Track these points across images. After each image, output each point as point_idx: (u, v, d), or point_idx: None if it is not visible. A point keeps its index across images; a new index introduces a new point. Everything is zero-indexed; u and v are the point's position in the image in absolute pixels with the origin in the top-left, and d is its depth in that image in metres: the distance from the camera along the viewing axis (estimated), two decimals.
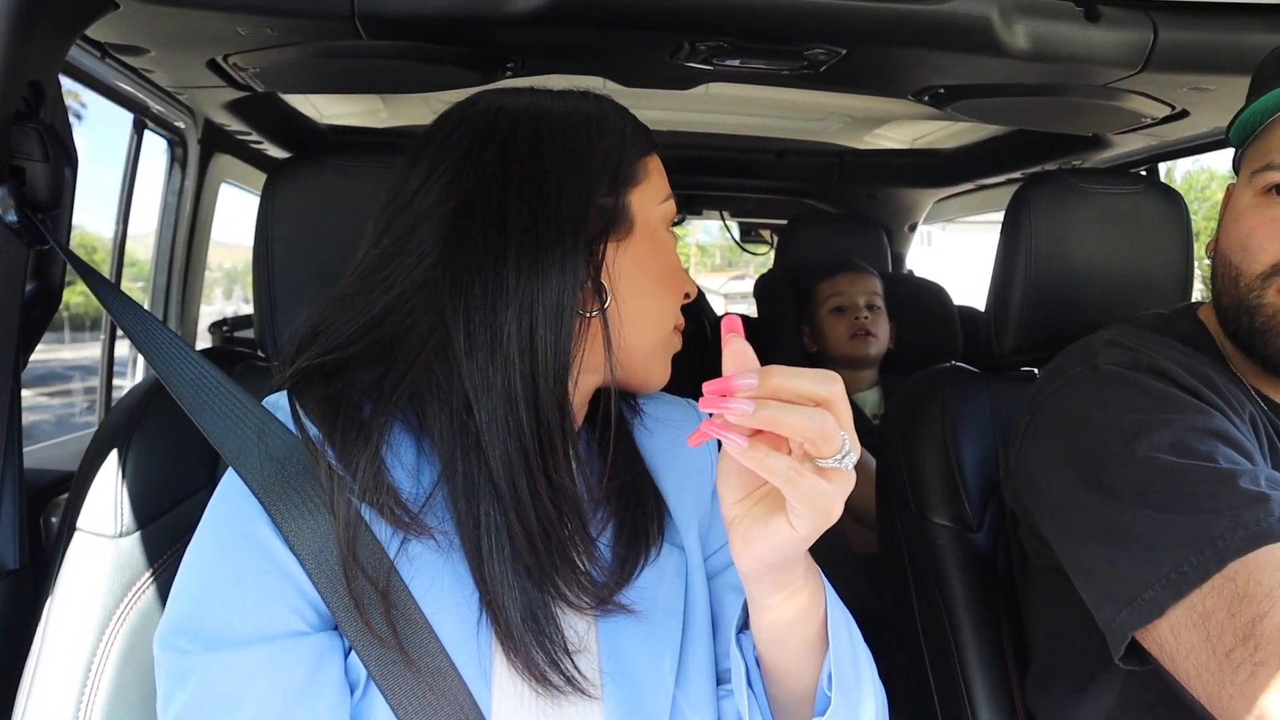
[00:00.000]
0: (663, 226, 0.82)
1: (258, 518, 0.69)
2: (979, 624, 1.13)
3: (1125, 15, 1.09)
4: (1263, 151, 0.88)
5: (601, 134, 0.78)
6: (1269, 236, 0.86)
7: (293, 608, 0.68)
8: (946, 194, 2.73)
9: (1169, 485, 0.77)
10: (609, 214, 0.76)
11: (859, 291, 2.17)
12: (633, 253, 0.78)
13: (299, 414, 0.72)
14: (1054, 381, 0.95)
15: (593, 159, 0.76)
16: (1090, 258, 1.19)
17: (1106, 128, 1.60)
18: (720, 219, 3.38)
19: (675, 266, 0.82)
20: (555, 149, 0.75)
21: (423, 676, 0.68)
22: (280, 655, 0.66)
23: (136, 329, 0.83)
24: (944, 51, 1.16)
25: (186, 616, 0.68)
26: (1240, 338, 0.91)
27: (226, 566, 0.69)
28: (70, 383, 2.36)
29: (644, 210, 0.80)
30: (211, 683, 0.65)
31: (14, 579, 0.92)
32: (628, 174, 0.79)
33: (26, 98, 0.87)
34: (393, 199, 0.77)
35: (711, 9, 1.05)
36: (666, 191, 0.83)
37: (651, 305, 0.79)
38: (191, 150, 1.80)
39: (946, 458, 1.19)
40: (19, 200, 0.87)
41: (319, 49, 1.17)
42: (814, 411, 0.58)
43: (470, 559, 0.71)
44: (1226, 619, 0.69)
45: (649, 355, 0.80)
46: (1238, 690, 0.67)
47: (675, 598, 0.80)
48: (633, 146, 0.80)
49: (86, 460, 0.96)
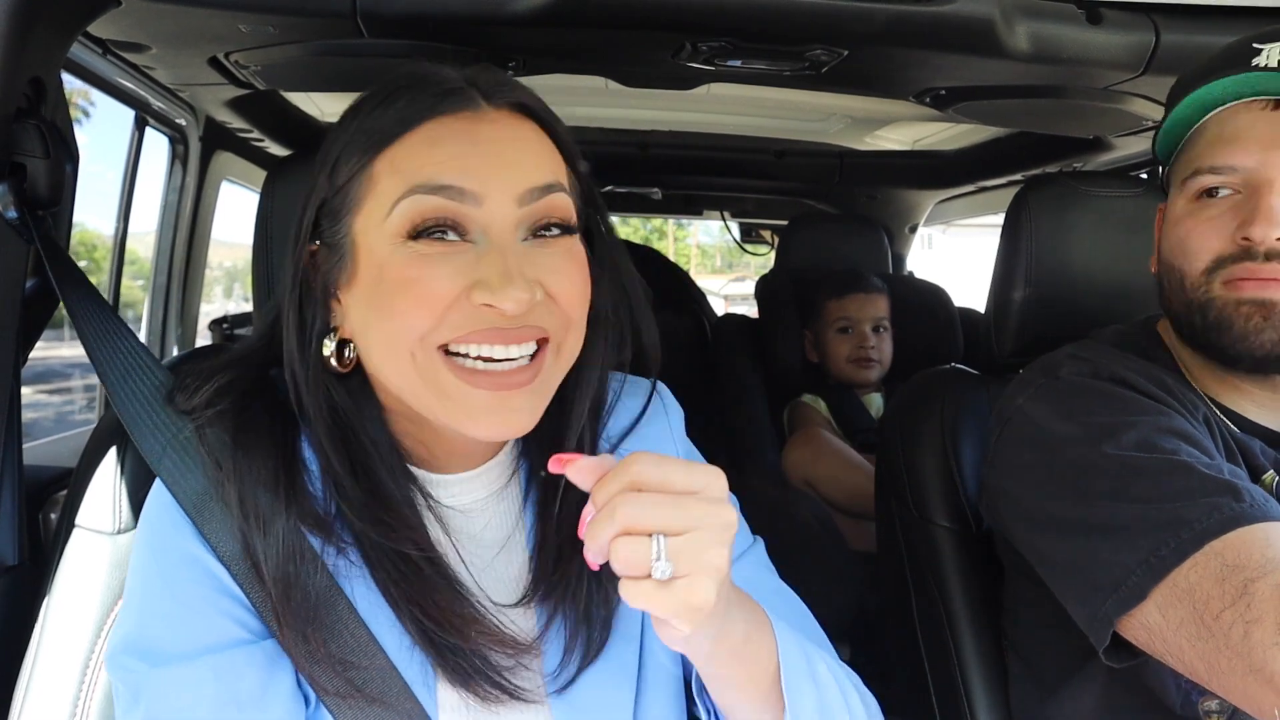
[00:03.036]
0: (394, 242, 0.65)
1: (186, 530, 0.69)
2: (977, 624, 1.13)
3: (1127, 17, 1.09)
4: (1189, 160, 0.92)
5: (326, 153, 0.69)
6: (1206, 235, 0.88)
7: (232, 617, 0.67)
8: (947, 196, 2.72)
9: (1140, 480, 0.79)
10: (330, 256, 0.69)
11: (866, 316, 2.16)
12: (358, 292, 0.68)
13: (202, 450, 0.71)
14: (1020, 394, 0.97)
15: (308, 206, 0.69)
16: (1090, 261, 1.19)
17: (1107, 130, 1.60)
18: (721, 219, 3.38)
19: (397, 287, 0.64)
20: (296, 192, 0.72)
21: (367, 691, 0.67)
22: (228, 665, 0.66)
23: (98, 340, 0.83)
24: (945, 53, 1.16)
25: (132, 635, 0.68)
26: (1196, 338, 0.92)
27: (161, 582, 0.68)
28: (70, 380, 2.36)
29: (366, 238, 0.66)
30: (163, 699, 0.65)
31: (13, 575, 0.92)
32: (346, 198, 0.67)
33: (28, 94, 0.87)
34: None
35: (713, 9, 1.05)
36: (403, 187, 0.64)
37: (376, 343, 0.68)
38: (192, 147, 1.80)
39: (946, 459, 1.19)
40: (19, 197, 0.87)
41: (320, 47, 1.17)
42: (622, 542, 0.54)
43: (376, 580, 0.69)
44: (1214, 588, 0.71)
45: (413, 396, 0.68)
46: (1234, 651, 0.68)
47: (630, 623, 0.76)
48: (350, 158, 0.66)
49: (85, 457, 0.95)
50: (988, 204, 2.63)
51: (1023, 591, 1.02)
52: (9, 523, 0.91)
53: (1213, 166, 0.88)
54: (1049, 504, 0.86)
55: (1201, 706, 0.85)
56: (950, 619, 1.14)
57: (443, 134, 0.66)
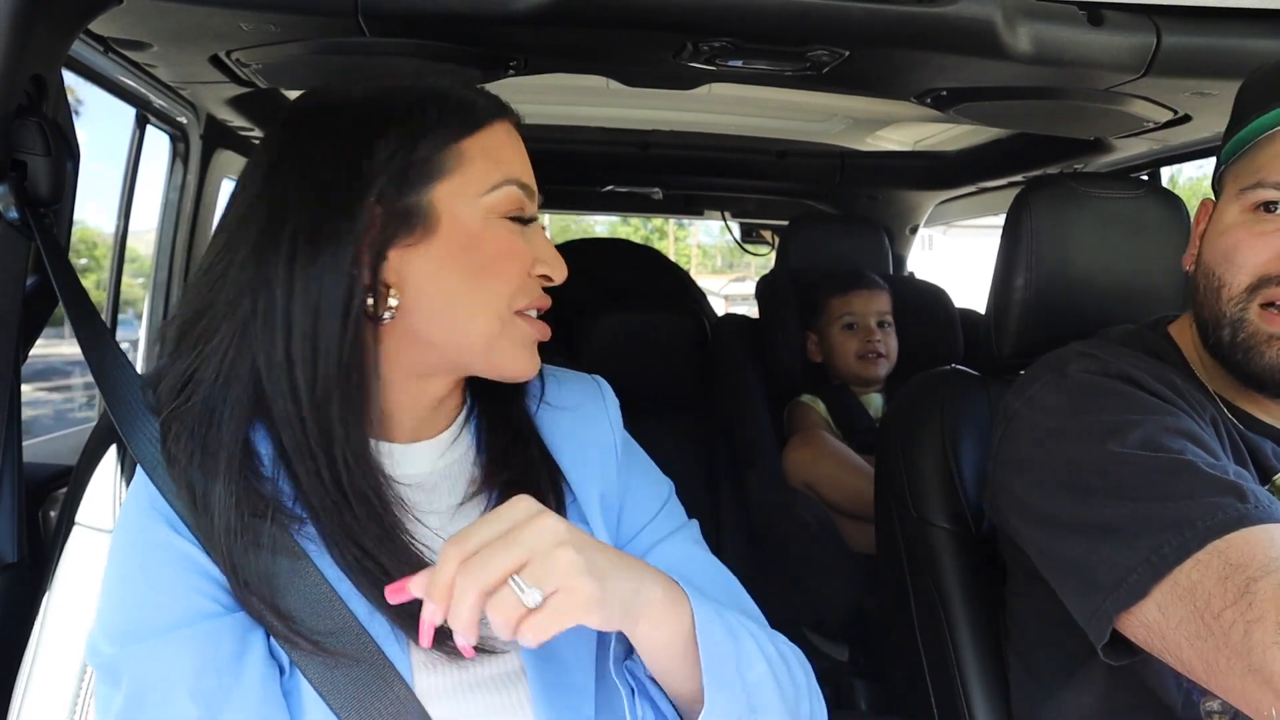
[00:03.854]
0: (489, 217, 0.76)
1: (160, 521, 0.72)
2: (976, 625, 1.13)
3: (1128, 19, 1.09)
4: (1252, 169, 0.89)
5: (391, 125, 0.73)
6: (1255, 250, 0.87)
7: (206, 594, 0.70)
8: (948, 197, 2.72)
9: (1145, 480, 0.79)
10: (402, 215, 0.73)
11: (871, 311, 2.16)
12: (436, 252, 0.74)
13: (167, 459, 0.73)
14: (1026, 390, 0.97)
15: (373, 157, 0.72)
16: (1090, 262, 1.19)
17: (1108, 132, 1.60)
18: (721, 219, 3.38)
19: (500, 256, 0.76)
20: (330, 150, 0.73)
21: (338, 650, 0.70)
22: (204, 635, 0.68)
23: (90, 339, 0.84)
24: (946, 54, 1.16)
25: (108, 622, 0.71)
26: (1220, 351, 0.91)
27: (137, 570, 0.72)
28: (70, 378, 2.36)
29: (453, 205, 0.74)
30: (144, 673, 0.67)
31: (13, 572, 0.92)
32: (427, 169, 0.74)
33: (29, 92, 0.88)
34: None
35: (714, 9, 1.05)
36: (498, 177, 0.76)
37: (460, 300, 0.75)
38: (193, 146, 1.80)
39: (945, 460, 1.19)
40: (20, 195, 0.87)
41: (322, 45, 1.17)
42: (487, 603, 0.60)
43: (333, 555, 0.73)
44: (1215, 587, 0.70)
45: (487, 348, 0.77)
46: (1233, 650, 0.68)
47: None
48: (439, 134, 0.74)
49: (85, 455, 0.95)
50: (989, 205, 2.63)
51: (1024, 590, 1.02)
52: (9, 520, 0.91)
53: (1278, 183, 0.86)
54: (1052, 501, 0.86)
55: (1203, 707, 0.85)
56: (949, 620, 1.14)
57: (513, 136, 0.80)
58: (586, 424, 0.88)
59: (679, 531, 0.89)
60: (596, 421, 0.89)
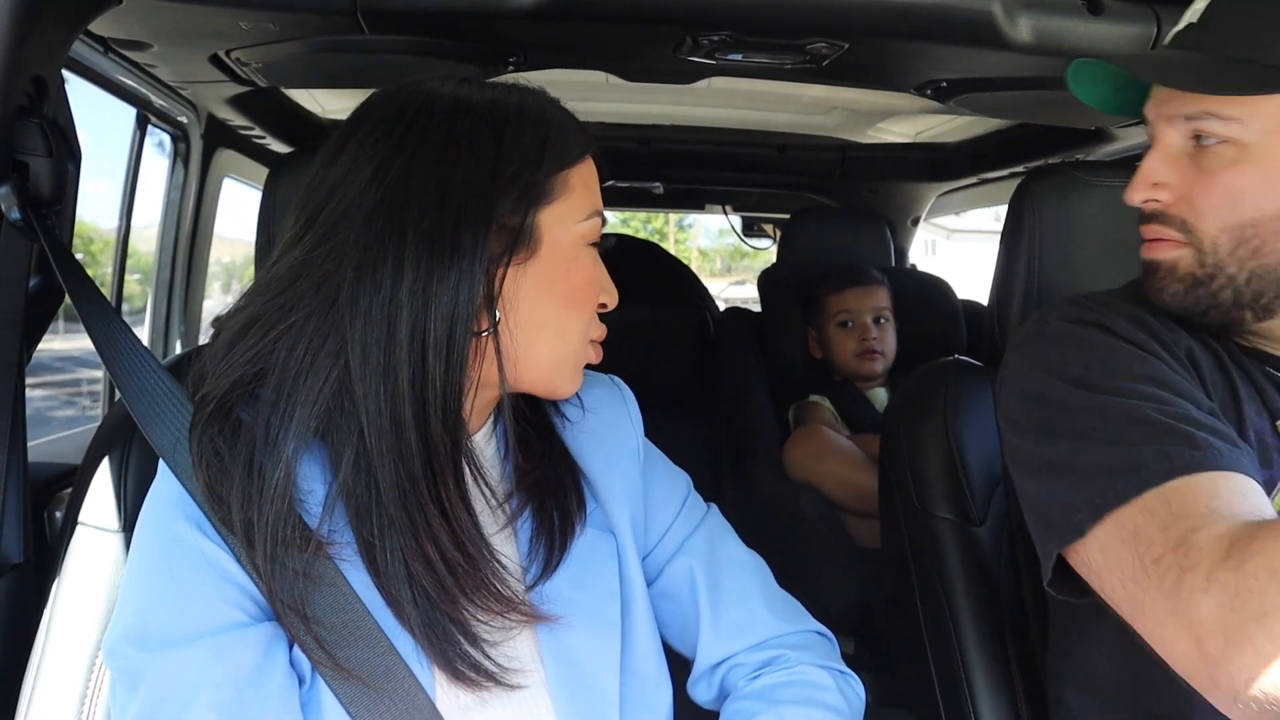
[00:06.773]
0: (579, 244, 0.78)
1: (187, 522, 0.71)
2: (980, 617, 1.13)
3: (1128, 8, 1.09)
4: None
5: (516, 144, 0.74)
6: None
7: (232, 602, 0.69)
8: (949, 188, 2.72)
9: (1104, 424, 0.81)
10: (514, 234, 0.73)
11: (867, 308, 2.15)
12: (533, 274, 0.75)
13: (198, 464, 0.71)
14: (1015, 340, 0.99)
15: (500, 174, 0.72)
16: (1093, 250, 1.18)
17: (1109, 121, 1.59)
18: (723, 213, 3.38)
19: (585, 284, 0.78)
20: (461, 157, 0.72)
21: (367, 669, 0.69)
22: (228, 646, 0.67)
23: (103, 335, 0.84)
24: (946, 45, 1.16)
25: (131, 625, 0.69)
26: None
27: (162, 572, 0.70)
28: (56, 374, 2.36)
29: (554, 230, 0.76)
30: (164, 682, 0.67)
31: (18, 573, 0.92)
32: (539, 191, 0.74)
33: (29, 92, 0.88)
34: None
35: (714, 3, 1.05)
36: (590, 208, 0.78)
37: (550, 325, 0.77)
38: (194, 145, 1.81)
39: (949, 451, 1.19)
40: (22, 196, 0.87)
41: (321, 44, 1.17)
42: None
43: (370, 574, 0.71)
44: (1158, 533, 0.72)
45: (552, 370, 0.78)
46: (1161, 593, 0.70)
47: (609, 578, 0.82)
48: (552, 159, 0.75)
49: (90, 455, 0.96)
50: (990, 196, 2.63)
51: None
52: (14, 520, 0.92)
53: None
54: (1024, 445, 0.89)
55: None
56: (953, 611, 1.14)
57: (594, 172, 0.81)
58: (610, 429, 0.88)
59: (702, 524, 0.91)
60: (620, 426, 0.90)
